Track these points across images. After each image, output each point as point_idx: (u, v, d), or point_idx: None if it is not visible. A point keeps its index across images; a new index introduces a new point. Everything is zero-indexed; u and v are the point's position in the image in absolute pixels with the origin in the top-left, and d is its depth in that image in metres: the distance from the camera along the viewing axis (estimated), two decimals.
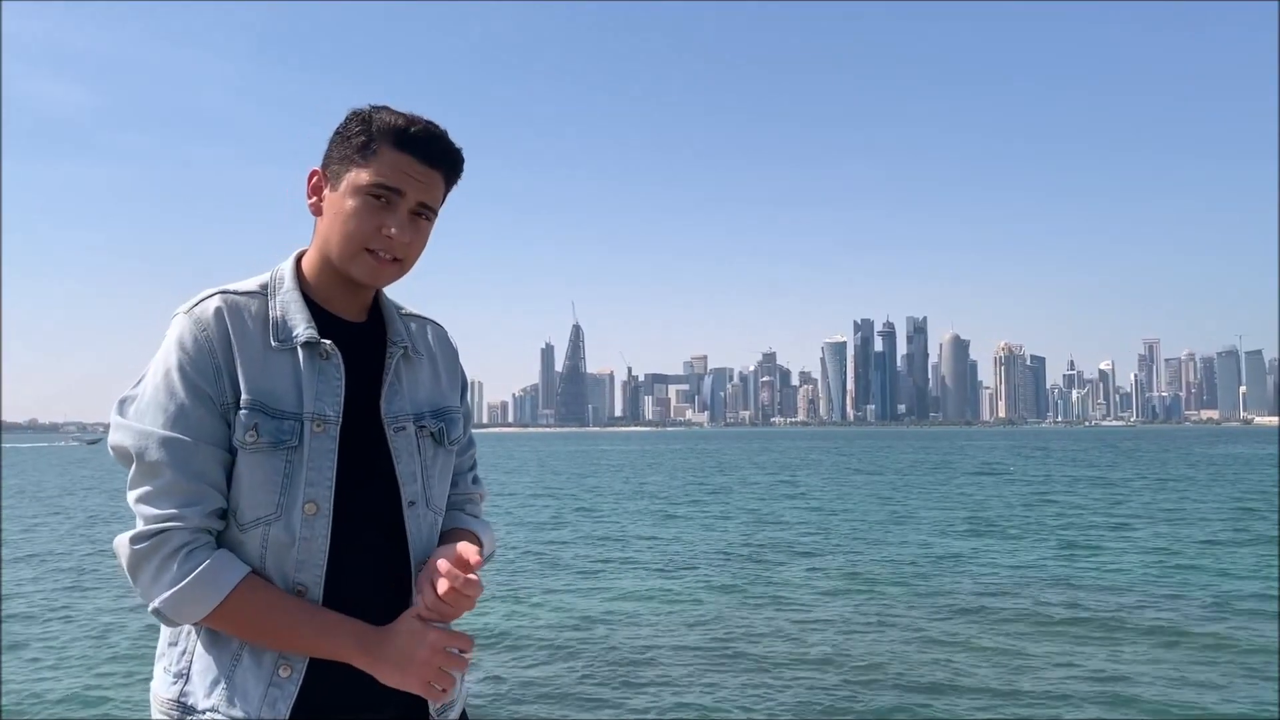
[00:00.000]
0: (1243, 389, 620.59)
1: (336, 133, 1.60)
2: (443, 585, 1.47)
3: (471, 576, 1.47)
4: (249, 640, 1.49)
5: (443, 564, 1.48)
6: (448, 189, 1.66)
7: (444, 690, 1.50)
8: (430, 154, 1.58)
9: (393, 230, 1.56)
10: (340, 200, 1.57)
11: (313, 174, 1.63)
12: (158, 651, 1.58)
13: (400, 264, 1.61)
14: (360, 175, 1.55)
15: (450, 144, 1.62)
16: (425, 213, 1.61)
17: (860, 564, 15.26)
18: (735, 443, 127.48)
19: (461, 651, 1.51)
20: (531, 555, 16.52)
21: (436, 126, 1.61)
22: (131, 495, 1.49)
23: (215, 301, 1.55)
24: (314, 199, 1.63)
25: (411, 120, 1.58)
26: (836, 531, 20.17)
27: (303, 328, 1.57)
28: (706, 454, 79.05)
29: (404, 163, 1.56)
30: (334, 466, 1.54)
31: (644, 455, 77.88)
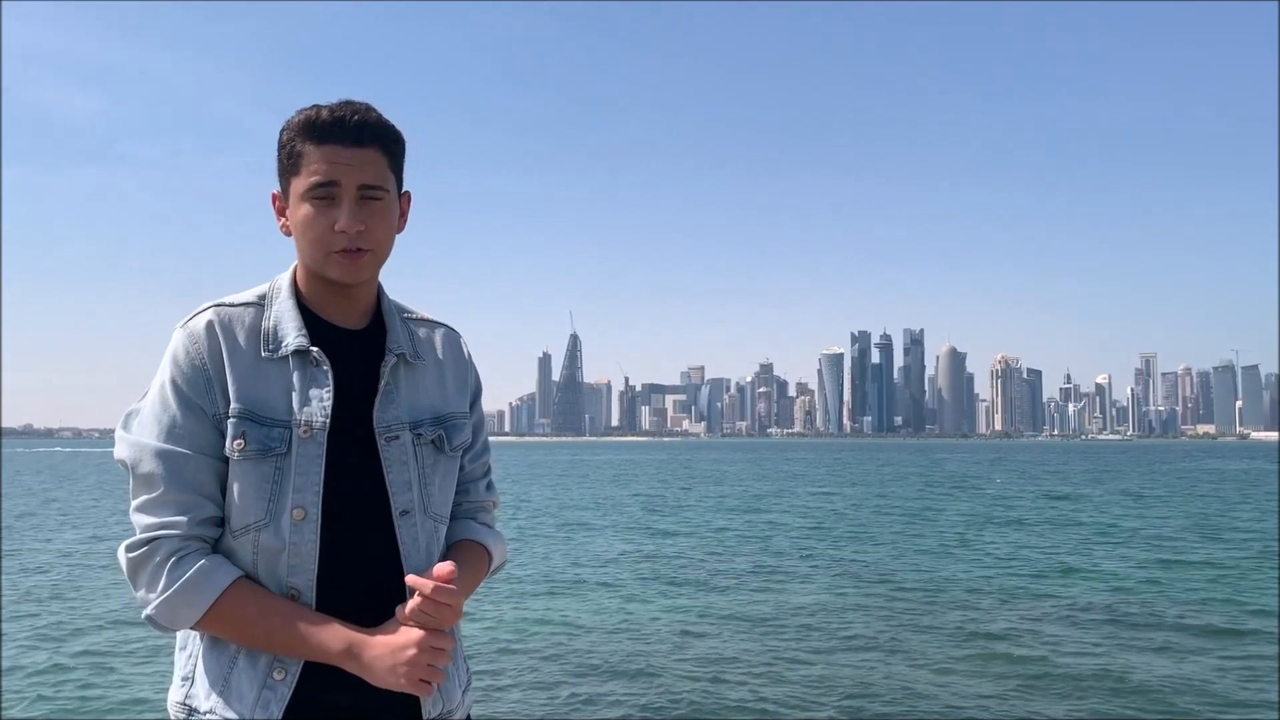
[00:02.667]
0: (1239, 403, 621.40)
1: (277, 152, 1.62)
2: (412, 599, 1.49)
3: (445, 585, 1.49)
4: (242, 644, 1.53)
5: (411, 578, 1.51)
6: (393, 161, 1.63)
7: (430, 685, 1.51)
8: (349, 134, 1.56)
9: (343, 223, 1.55)
10: (294, 214, 1.60)
11: (274, 197, 1.66)
12: (175, 656, 1.65)
13: (371, 253, 1.60)
14: (299, 183, 1.57)
15: (368, 116, 1.59)
16: (372, 193, 1.58)
17: (845, 571, 16.10)
18: (731, 453, 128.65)
19: (445, 648, 1.51)
20: (527, 565, 16.85)
21: (351, 106, 1.58)
22: (131, 505, 1.54)
23: (208, 315, 1.59)
24: (281, 221, 1.65)
25: (320, 108, 1.57)
26: (817, 539, 21.28)
27: (293, 336, 1.59)
28: (701, 464, 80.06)
29: (328, 154, 1.55)
30: (321, 472, 1.56)
31: (639, 465, 78.85)
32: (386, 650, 1.49)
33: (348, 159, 1.55)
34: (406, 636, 1.49)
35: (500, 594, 13.33)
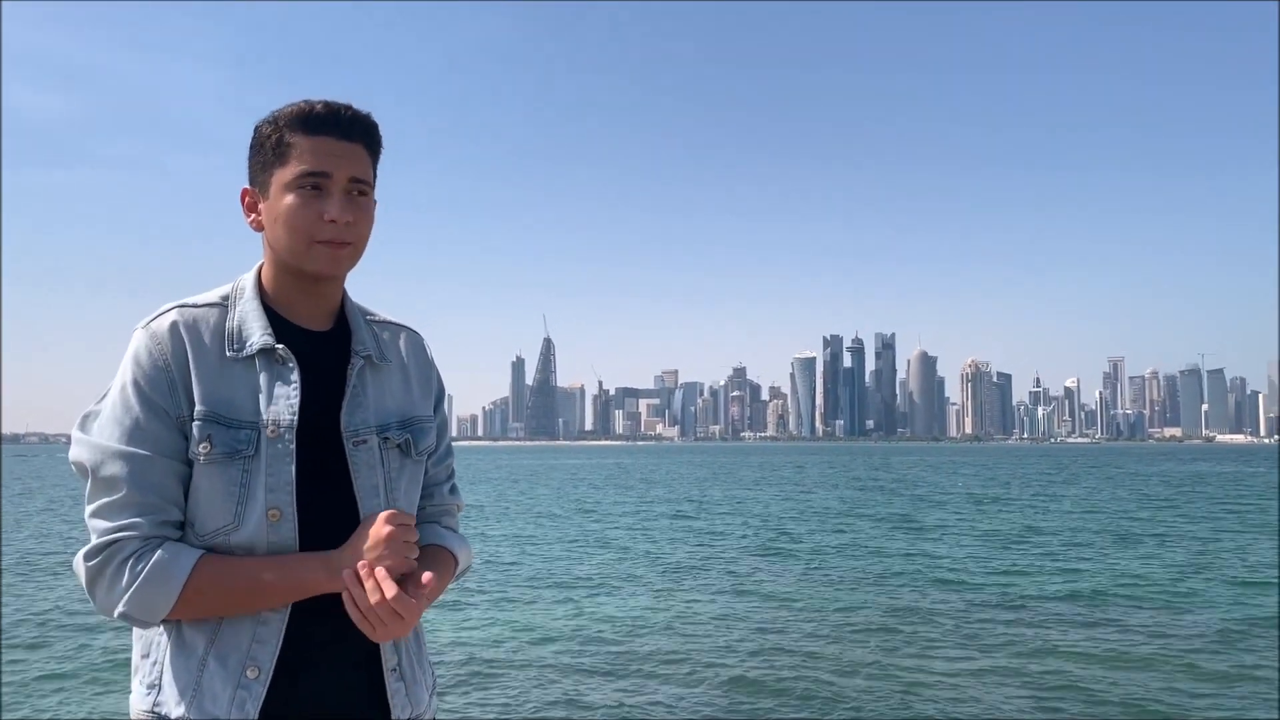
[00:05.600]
0: (1205, 407, 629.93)
1: (251, 147, 1.61)
2: (390, 590, 1.44)
3: (395, 597, 1.45)
4: (228, 613, 1.50)
5: (391, 590, 1.45)
6: (374, 159, 1.64)
7: (410, 560, 1.51)
8: (342, 128, 1.57)
9: (333, 213, 1.55)
10: (275, 204, 1.57)
11: (244, 193, 1.63)
12: (133, 666, 1.59)
13: (352, 246, 1.60)
14: (284, 173, 1.55)
15: (358, 113, 1.60)
16: (359, 187, 1.59)
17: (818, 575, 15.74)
18: (700, 457, 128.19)
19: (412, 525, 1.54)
20: (494, 568, 16.63)
21: (340, 103, 1.60)
22: (87, 510, 1.49)
23: (171, 316, 1.56)
24: (251, 216, 1.63)
25: (313, 103, 1.57)
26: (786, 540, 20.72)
27: (258, 335, 1.56)
28: (675, 467, 79.53)
29: (320, 145, 1.55)
30: (292, 471, 1.53)
31: (596, 470, 78.21)
32: (360, 546, 1.50)
33: (340, 151, 1.56)
34: (376, 520, 1.51)
35: (466, 597, 13.26)
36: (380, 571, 1.45)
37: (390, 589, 1.43)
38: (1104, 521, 26.33)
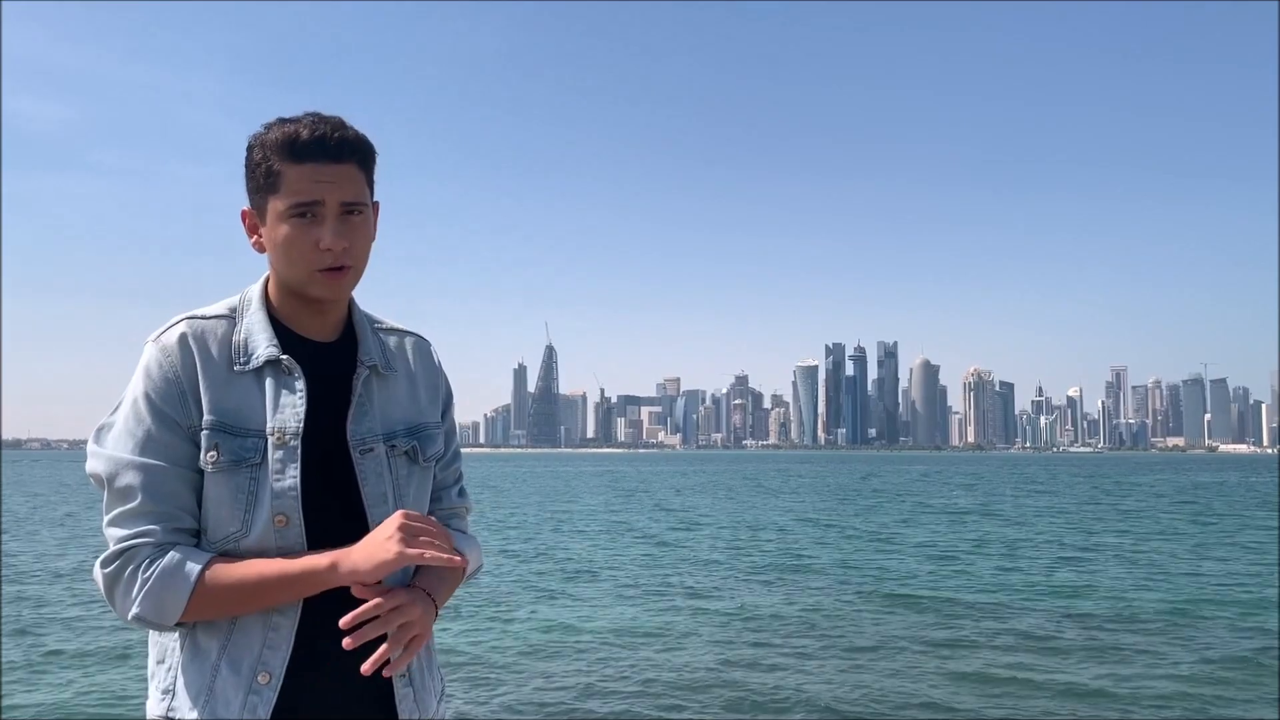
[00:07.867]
0: (1208, 417, 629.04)
1: (245, 167, 1.61)
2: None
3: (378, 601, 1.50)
4: (241, 612, 1.53)
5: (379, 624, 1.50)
6: (367, 174, 1.64)
7: (421, 554, 1.47)
8: (330, 152, 1.56)
9: (328, 241, 1.56)
10: (272, 232, 1.59)
11: (244, 215, 1.65)
12: (149, 672, 1.64)
13: (352, 269, 1.62)
14: (277, 203, 1.57)
15: (346, 132, 1.59)
16: (353, 209, 1.59)
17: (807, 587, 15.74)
18: (700, 465, 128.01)
19: (430, 527, 1.53)
20: (500, 574, 16.84)
21: (327, 122, 1.58)
22: (105, 519, 1.54)
23: (181, 328, 1.59)
24: (254, 238, 1.65)
25: (299, 126, 1.56)
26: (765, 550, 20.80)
27: (264, 347, 1.59)
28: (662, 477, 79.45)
29: (309, 173, 1.55)
30: (298, 477, 1.56)
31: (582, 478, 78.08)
32: (372, 540, 1.51)
33: (329, 176, 1.56)
34: (388, 521, 1.52)
35: (474, 603, 13.41)
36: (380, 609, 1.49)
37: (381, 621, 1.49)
38: (1087, 534, 26.26)
